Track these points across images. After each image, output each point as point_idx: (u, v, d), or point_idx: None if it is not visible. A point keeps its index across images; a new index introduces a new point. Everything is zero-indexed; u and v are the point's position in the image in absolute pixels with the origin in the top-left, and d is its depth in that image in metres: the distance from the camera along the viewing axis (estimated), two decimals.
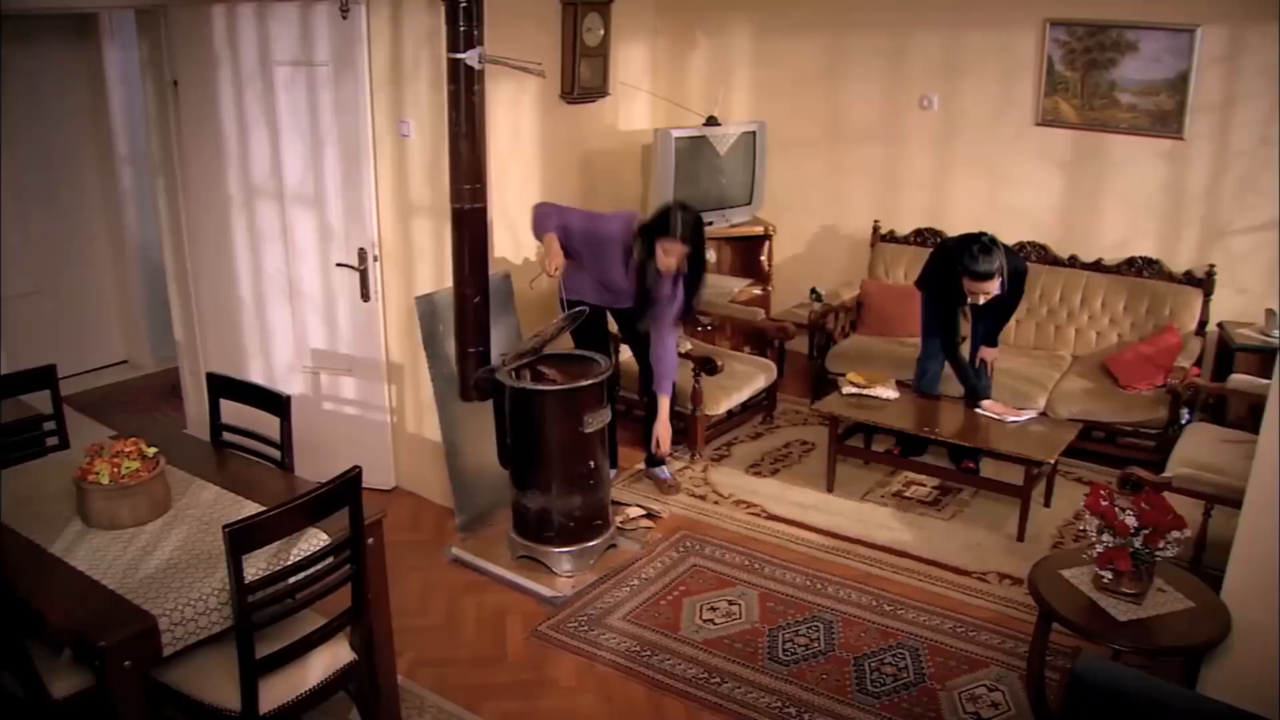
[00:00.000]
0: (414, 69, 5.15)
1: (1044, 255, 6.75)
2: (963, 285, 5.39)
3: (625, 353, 5.92)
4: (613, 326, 5.80)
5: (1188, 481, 4.53)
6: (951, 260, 5.42)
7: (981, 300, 5.45)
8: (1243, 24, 5.92)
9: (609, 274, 5.35)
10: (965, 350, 5.85)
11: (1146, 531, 3.59)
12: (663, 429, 5.61)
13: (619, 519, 5.35)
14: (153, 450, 3.64)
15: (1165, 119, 6.25)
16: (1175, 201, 6.36)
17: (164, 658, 3.09)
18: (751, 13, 7.56)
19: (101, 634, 2.93)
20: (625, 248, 5.24)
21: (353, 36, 5.09)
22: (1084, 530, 3.84)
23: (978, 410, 5.67)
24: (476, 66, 4.54)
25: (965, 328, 6.10)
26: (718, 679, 4.28)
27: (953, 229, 6.87)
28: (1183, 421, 5.71)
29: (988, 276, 5.31)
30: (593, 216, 5.41)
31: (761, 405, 6.78)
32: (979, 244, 5.32)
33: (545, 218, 5.30)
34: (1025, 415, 5.64)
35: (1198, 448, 5.23)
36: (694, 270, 5.27)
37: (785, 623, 4.66)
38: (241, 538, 3.02)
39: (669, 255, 5.11)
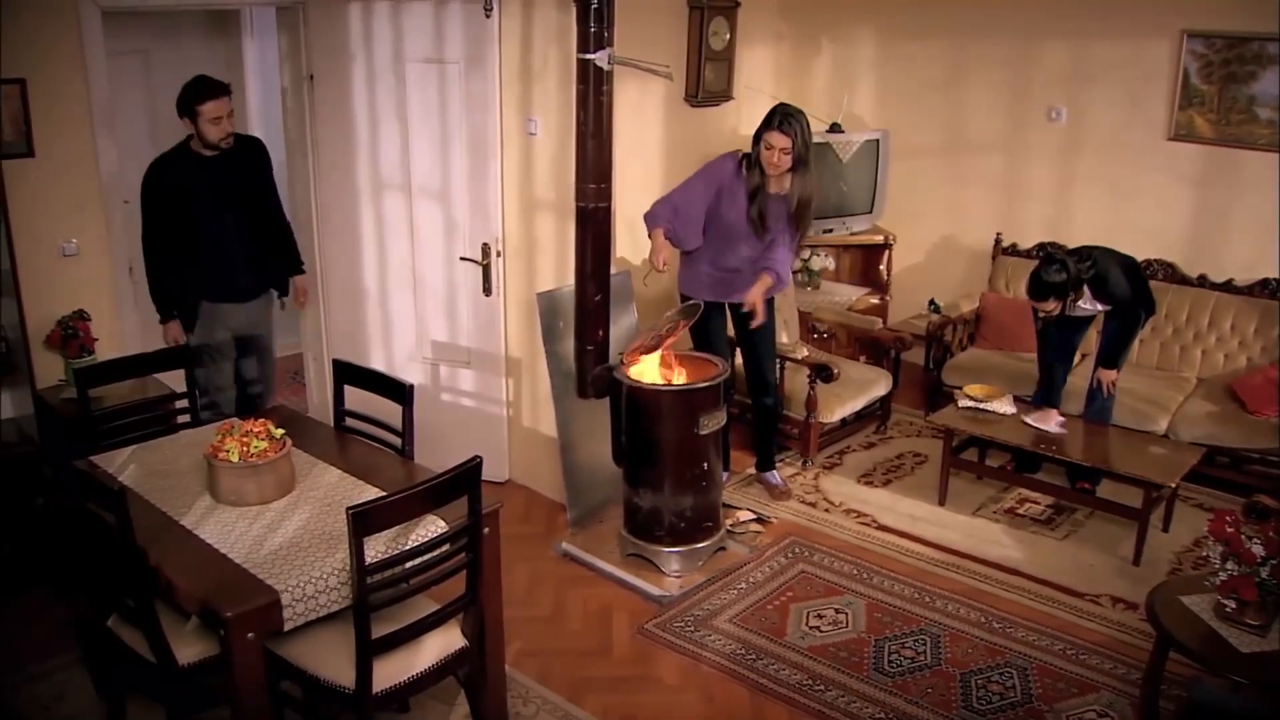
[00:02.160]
0: (543, 68, 5.23)
1: (1171, 274, 6.58)
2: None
3: (739, 356, 5.91)
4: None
5: None
6: None
7: (1040, 314, 5.50)
8: None
9: (727, 230, 5.28)
10: (1088, 370, 5.79)
11: (1274, 562, 3.49)
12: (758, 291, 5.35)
13: (729, 522, 5.35)
14: (280, 432, 3.76)
15: None
16: None
17: (284, 632, 3.19)
18: (876, 19, 7.51)
19: (227, 605, 3.05)
20: (736, 178, 5.23)
21: (485, 35, 5.19)
22: (1205, 557, 3.76)
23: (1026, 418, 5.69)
24: (606, 67, 4.59)
25: (1090, 345, 6.02)
26: (821, 686, 4.27)
27: (1077, 244, 6.74)
28: None
29: (1040, 294, 5.35)
30: (695, 175, 5.41)
31: (876, 415, 6.74)
32: (1055, 262, 5.34)
33: (653, 216, 5.32)
34: (1050, 425, 5.59)
35: None
36: (804, 167, 5.20)
37: (892, 634, 4.63)
38: (364, 520, 3.10)
39: (770, 150, 5.08)
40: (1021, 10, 6.89)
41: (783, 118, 5.05)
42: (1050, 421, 5.58)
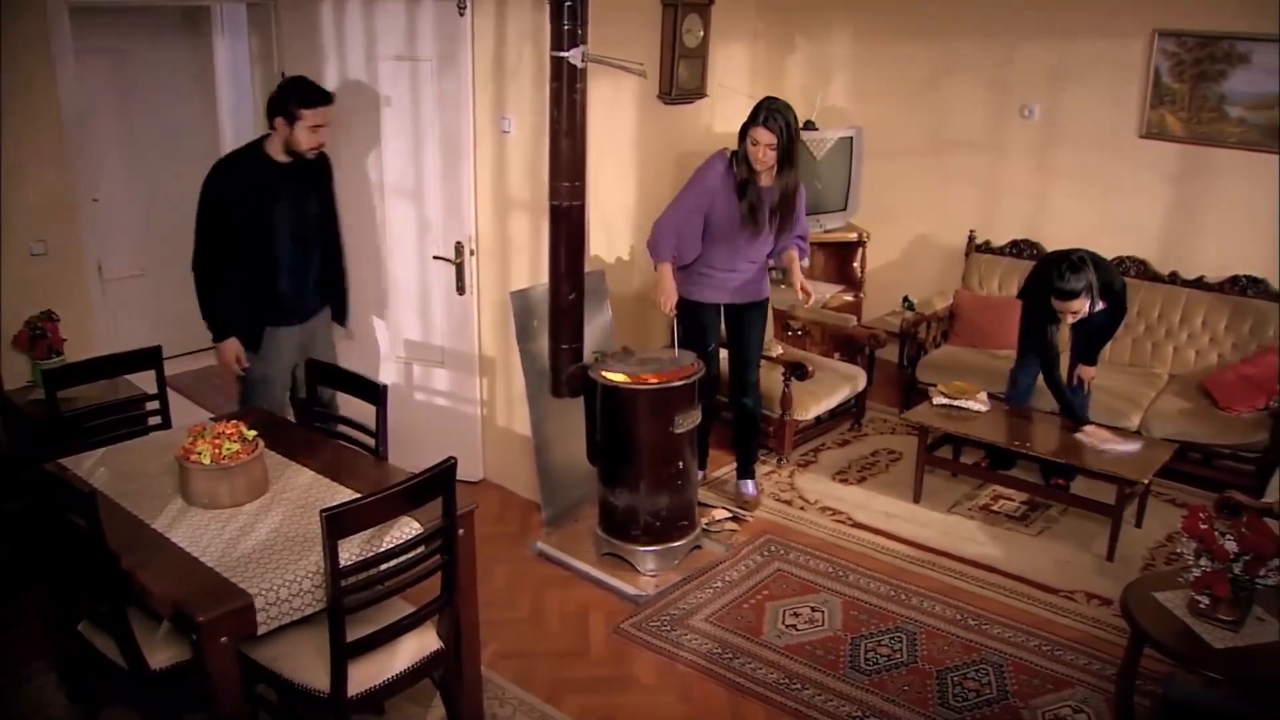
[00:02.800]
0: (517, 66, 5.20)
1: (1144, 271, 6.62)
2: (1051, 302, 5.35)
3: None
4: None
5: None
6: (1045, 276, 5.36)
7: (1070, 319, 5.40)
8: None
9: (722, 229, 5.24)
10: (1064, 366, 5.80)
11: (1247, 558, 3.51)
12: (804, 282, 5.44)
13: (704, 521, 5.35)
14: (252, 433, 3.73)
15: (1277, 134, 6.08)
16: None
17: (258, 635, 3.16)
18: (851, 18, 7.52)
19: (200, 609, 3.01)
20: (728, 176, 5.18)
21: (458, 33, 5.16)
22: (1178, 553, 3.78)
23: (1078, 436, 5.53)
24: (580, 65, 4.57)
25: (1063, 342, 6.03)
26: (798, 685, 4.27)
27: (1050, 241, 6.78)
28: None
29: (1073, 295, 5.26)
30: (687, 186, 5.35)
31: (850, 412, 6.75)
32: (1069, 261, 5.27)
33: (658, 246, 5.29)
34: (1126, 446, 5.43)
35: None
36: (788, 162, 5.13)
37: (868, 632, 4.63)
38: (338, 523, 3.07)
39: (756, 146, 5.03)
40: (996, 9, 6.91)
41: (769, 113, 5.00)
42: (1110, 439, 5.45)
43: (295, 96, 4.68)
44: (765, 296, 5.55)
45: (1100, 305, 5.46)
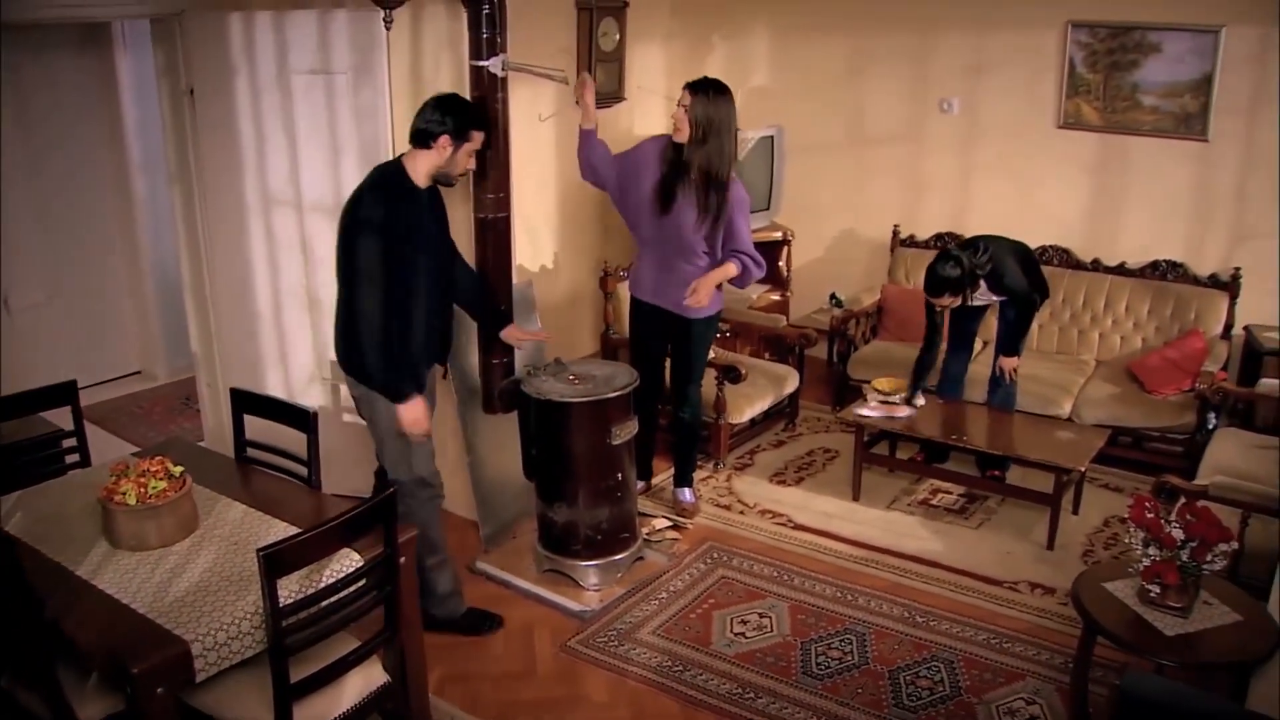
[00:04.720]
0: (434, 76, 5.09)
1: (1066, 259, 6.69)
2: None
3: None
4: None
5: (1225, 490, 4.45)
6: None
7: (937, 308, 5.58)
8: (1267, 24, 5.83)
9: (641, 208, 5.12)
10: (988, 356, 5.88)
11: (1194, 544, 3.53)
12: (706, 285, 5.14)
13: (645, 530, 5.27)
14: (179, 469, 3.57)
15: (1189, 121, 6.18)
16: (1200, 204, 6.30)
17: (196, 683, 3.02)
18: (768, 16, 7.50)
19: (134, 659, 2.87)
20: (661, 151, 5.09)
21: (372, 44, 5.02)
22: (1116, 537, 3.77)
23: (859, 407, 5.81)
24: (500, 74, 4.48)
25: (989, 332, 6.08)
26: (752, 694, 4.22)
27: (973, 233, 6.80)
28: (1209, 427, 5.63)
29: (934, 291, 5.45)
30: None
31: (784, 413, 6.72)
32: (949, 260, 5.41)
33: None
34: (903, 413, 5.71)
35: (1228, 454, 5.18)
36: (717, 143, 4.96)
37: (817, 635, 4.60)
38: (277, 561, 2.95)
39: (679, 107, 4.94)
40: (913, 4, 6.93)
41: (702, 79, 4.97)
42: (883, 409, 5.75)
43: (469, 117, 4.17)
44: (712, 313, 5.33)
45: (993, 297, 5.55)
